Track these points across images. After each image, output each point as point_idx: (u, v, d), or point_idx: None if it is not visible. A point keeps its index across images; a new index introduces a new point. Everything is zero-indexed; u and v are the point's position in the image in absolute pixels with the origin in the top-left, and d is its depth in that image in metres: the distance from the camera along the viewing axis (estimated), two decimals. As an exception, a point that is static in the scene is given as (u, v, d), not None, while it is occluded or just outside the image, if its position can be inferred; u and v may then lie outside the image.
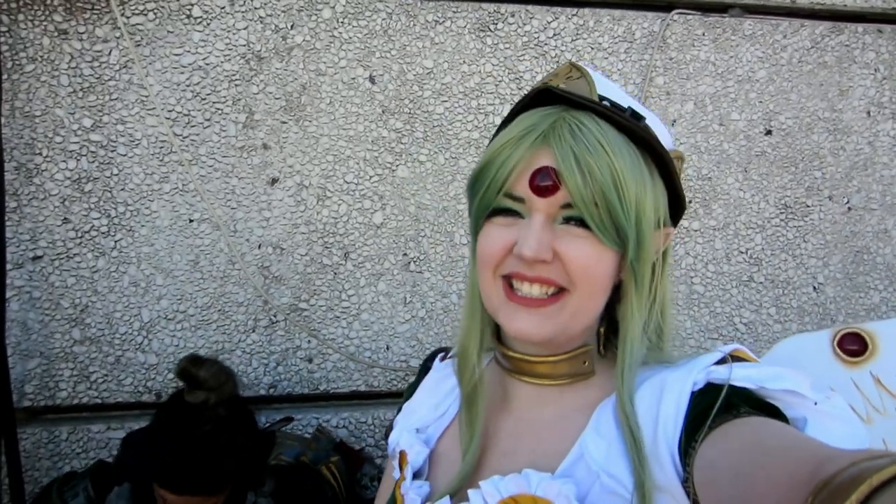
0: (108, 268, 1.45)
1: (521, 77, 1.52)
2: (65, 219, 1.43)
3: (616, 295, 0.63)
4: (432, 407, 0.76)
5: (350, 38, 1.47)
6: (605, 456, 0.57)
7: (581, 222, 0.57)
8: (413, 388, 0.82)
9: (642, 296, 0.60)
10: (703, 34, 1.58)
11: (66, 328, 1.45)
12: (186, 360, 1.17)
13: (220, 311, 1.52)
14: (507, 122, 0.65)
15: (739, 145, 1.64)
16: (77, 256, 1.44)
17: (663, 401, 0.55)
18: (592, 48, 1.56)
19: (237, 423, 1.16)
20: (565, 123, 0.58)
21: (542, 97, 0.62)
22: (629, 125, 0.59)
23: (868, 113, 1.67)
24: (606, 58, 1.57)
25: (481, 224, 0.63)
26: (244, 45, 1.44)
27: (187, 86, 1.43)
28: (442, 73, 1.50)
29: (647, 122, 0.61)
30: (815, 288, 1.72)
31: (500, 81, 1.52)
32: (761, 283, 1.70)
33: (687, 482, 0.51)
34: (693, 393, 0.54)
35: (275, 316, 1.54)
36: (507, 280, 0.61)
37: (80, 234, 1.44)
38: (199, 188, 1.45)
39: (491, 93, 1.52)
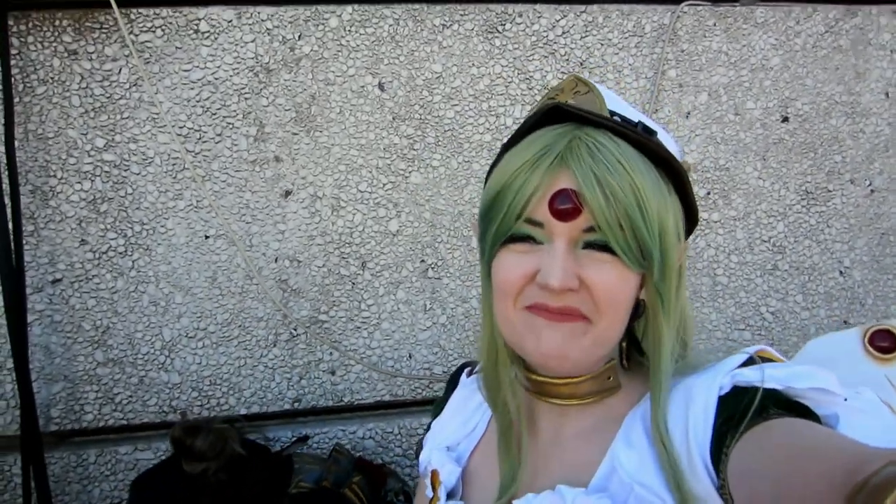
0: (126, 288, 1.45)
1: (532, 77, 1.51)
2: (82, 240, 1.43)
3: (636, 310, 0.61)
4: (461, 424, 0.75)
5: (358, 45, 1.46)
6: (636, 467, 0.56)
7: (604, 247, 0.55)
8: (441, 404, 0.81)
9: (669, 316, 0.59)
10: (715, 24, 1.56)
11: (88, 350, 1.45)
12: (181, 429, 1.13)
13: (240, 326, 1.51)
14: (514, 140, 0.62)
15: (756, 134, 1.61)
16: (96, 278, 1.44)
17: (691, 409, 0.54)
18: (602, 44, 1.54)
19: (242, 474, 1.13)
20: (582, 143, 0.56)
21: (550, 115, 0.60)
22: (643, 141, 0.57)
23: (886, 94, 1.64)
24: (617, 53, 1.55)
25: (496, 251, 0.60)
26: (252, 58, 1.43)
27: (197, 101, 1.43)
28: (451, 77, 1.49)
29: (659, 135, 0.60)
30: (841, 272, 1.69)
31: (510, 83, 1.51)
32: (786, 270, 1.67)
33: (722, 489, 0.50)
34: (720, 398, 0.53)
35: (295, 329, 1.53)
36: (528, 310, 0.58)
37: (97, 256, 1.43)
38: (214, 204, 1.44)
39: (501, 94, 1.50)
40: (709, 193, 1.62)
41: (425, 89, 1.49)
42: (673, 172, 0.59)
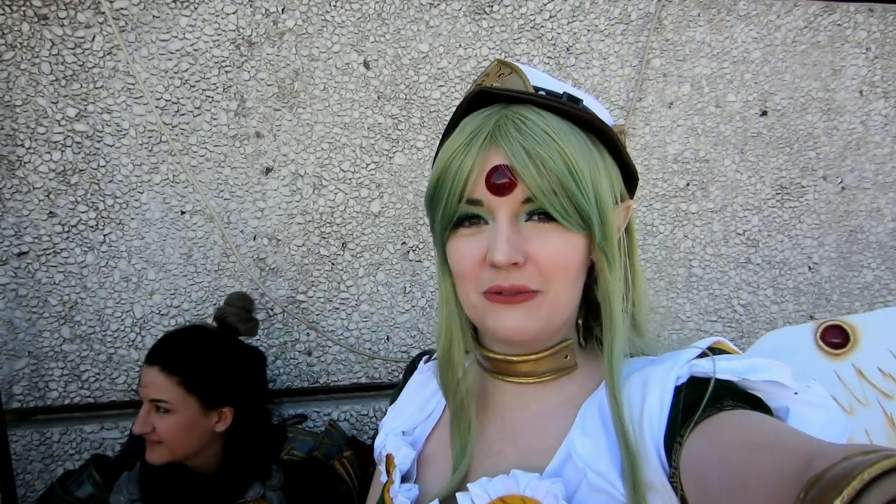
0: (97, 263, 1.40)
1: (518, 60, 1.50)
2: (50, 212, 1.37)
3: (590, 278, 0.63)
4: (417, 409, 0.76)
5: (343, 21, 1.43)
6: (591, 454, 0.57)
7: (545, 215, 0.58)
8: (399, 390, 0.82)
9: (616, 273, 0.61)
10: (699, 15, 1.57)
11: (54, 326, 1.40)
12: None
13: (215, 304, 1.47)
14: (448, 131, 0.64)
15: (736, 127, 1.64)
16: (64, 251, 1.39)
17: (647, 396, 0.55)
18: (589, 30, 1.54)
19: (240, 436, 1.17)
20: (509, 120, 0.58)
21: (478, 100, 0.62)
22: (569, 109, 0.59)
23: (860, 92, 1.67)
24: (603, 40, 1.55)
25: (446, 237, 0.63)
26: (234, 30, 1.39)
27: (175, 73, 1.38)
28: (438, 58, 1.47)
29: (585, 103, 0.61)
30: (810, 268, 1.73)
31: (497, 65, 1.50)
32: (758, 264, 1.70)
33: (674, 478, 0.51)
34: (676, 387, 0.54)
35: (272, 309, 1.50)
36: (486, 297, 0.61)
37: (66, 229, 1.38)
38: (191, 179, 1.40)
39: (488, 76, 1.50)
40: (688, 184, 1.64)
41: (411, 69, 1.47)
42: (603, 137, 0.61)
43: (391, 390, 1.64)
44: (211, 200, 1.43)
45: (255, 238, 1.47)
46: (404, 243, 1.54)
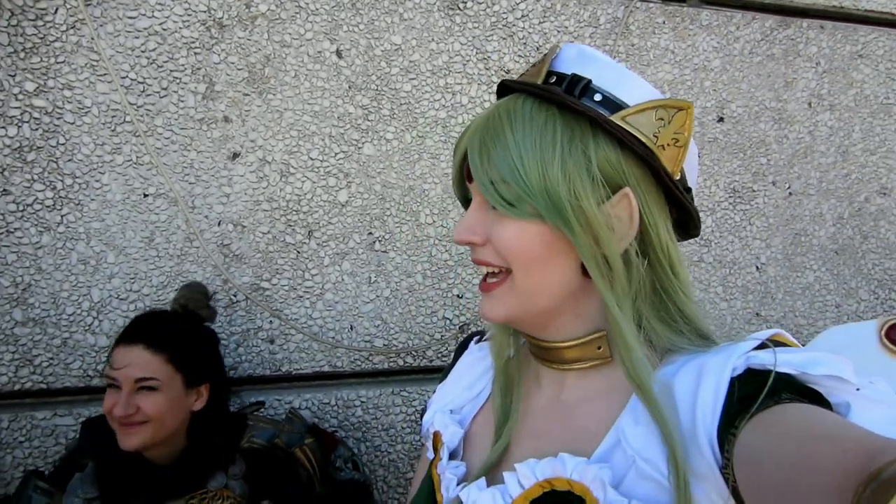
0: (53, 244, 1.37)
1: (489, 57, 1.53)
2: (4, 190, 1.33)
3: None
4: (466, 388, 0.77)
5: (317, 9, 1.43)
6: (642, 443, 0.56)
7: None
8: (448, 370, 0.83)
9: (600, 267, 0.58)
10: (664, 22, 1.64)
11: (6, 308, 1.36)
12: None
13: (176, 290, 1.46)
14: None
15: (694, 131, 1.71)
16: (18, 231, 1.35)
17: (701, 386, 0.54)
18: (559, 31, 1.58)
19: (198, 425, 1.18)
20: (494, 111, 0.61)
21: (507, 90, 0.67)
22: (558, 100, 0.58)
23: (809, 104, 1.78)
24: (572, 41, 1.60)
25: None
26: (204, 12, 1.38)
27: (142, 51, 1.36)
28: (410, 50, 1.49)
29: (599, 82, 0.59)
30: (758, 268, 1.83)
31: (467, 61, 1.53)
32: (710, 263, 1.79)
33: (726, 469, 0.50)
34: (732, 379, 0.53)
35: (235, 296, 1.50)
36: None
37: (21, 208, 1.35)
38: (156, 161, 1.38)
39: (459, 72, 1.52)
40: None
41: (383, 60, 1.48)
42: (597, 124, 0.58)
43: (353, 379, 1.66)
44: (175, 184, 1.41)
45: (219, 224, 1.46)
46: (370, 233, 1.56)
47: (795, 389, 0.52)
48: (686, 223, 0.66)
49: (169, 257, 1.44)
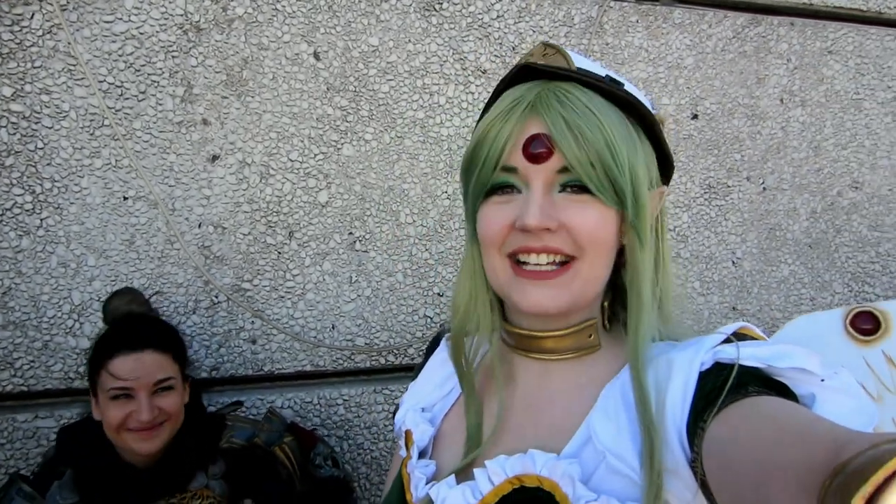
0: (33, 248, 1.38)
1: (466, 58, 1.56)
2: (-17, 196, 1.34)
3: (619, 261, 0.64)
4: (437, 385, 0.77)
5: (294, 11, 1.45)
6: (612, 438, 0.57)
7: (579, 187, 0.59)
8: (420, 367, 0.83)
9: (646, 254, 0.61)
10: (637, 21, 1.67)
11: (-14, 313, 1.37)
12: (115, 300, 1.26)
13: (158, 292, 1.47)
14: (491, 102, 0.66)
15: (669, 129, 1.75)
16: (-2, 236, 1.36)
17: (671, 381, 0.55)
18: (534, 31, 1.61)
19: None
20: (551, 93, 0.59)
21: (522, 75, 0.64)
22: (611, 90, 0.60)
23: (781, 100, 1.82)
24: (548, 41, 1.63)
25: (479, 205, 0.63)
26: (181, 15, 1.39)
27: (119, 55, 1.37)
28: (387, 52, 1.51)
29: (626, 87, 0.63)
30: (734, 262, 1.87)
31: (444, 62, 1.55)
32: (687, 258, 1.83)
33: (694, 462, 0.51)
34: (700, 373, 0.54)
35: (216, 297, 1.51)
36: (514, 257, 0.61)
37: (1, 212, 1.35)
38: (135, 164, 1.40)
39: (436, 73, 1.55)
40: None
41: (361, 62, 1.50)
42: (643, 120, 0.62)
43: (336, 378, 1.68)
44: (155, 187, 1.43)
45: (200, 226, 1.47)
46: (351, 234, 1.57)
47: (762, 382, 0.53)
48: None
49: (150, 260, 1.45)
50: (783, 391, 0.53)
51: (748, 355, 0.53)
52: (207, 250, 1.49)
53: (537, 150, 0.58)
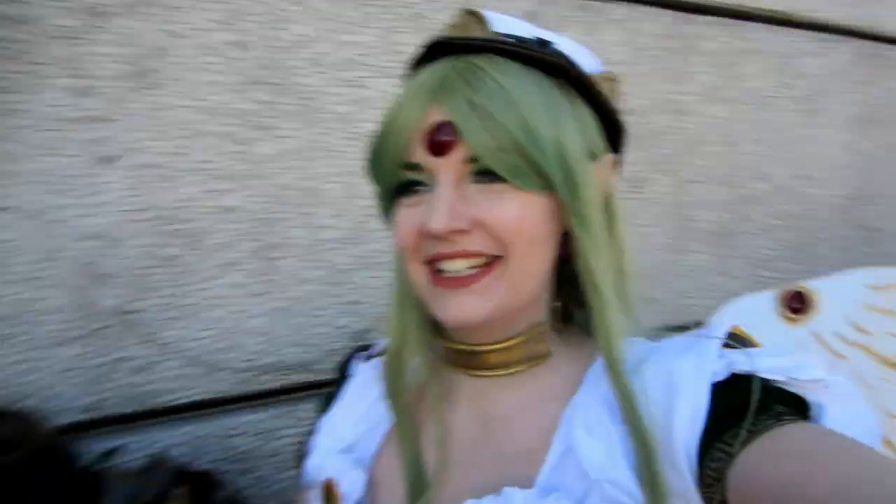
0: None
1: (401, 51, 1.89)
2: None
3: (564, 252, 0.70)
4: (361, 417, 0.81)
5: (214, -6, 1.67)
6: (604, 460, 0.62)
7: (495, 175, 0.65)
8: (330, 398, 0.89)
9: (595, 238, 0.67)
10: (574, 16, 2.13)
11: None
12: None
13: (26, 321, 1.64)
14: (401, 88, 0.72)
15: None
16: None
17: (679, 395, 0.60)
18: (470, 19, 1.99)
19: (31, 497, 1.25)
20: (456, 72, 0.66)
21: (433, 53, 0.71)
22: (531, 54, 0.66)
23: (703, 97, 2.42)
24: (466, 7, 2.02)
25: (392, 209, 0.70)
26: (82, -5, 1.54)
27: (8, 41, 1.50)
28: (315, 42, 1.80)
29: (558, 46, 0.69)
30: (650, 253, 2.48)
31: (378, 53, 1.87)
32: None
33: (709, 487, 0.57)
34: (713, 384, 0.60)
35: (100, 321, 1.72)
36: (432, 265, 0.67)
37: None
38: (11, 169, 1.56)
39: (369, 65, 1.86)
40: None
41: (285, 52, 1.77)
42: (578, 84, 0.69)
43: (237, 404, 1.97)
44: (31, 195, 1.60)
45: (85, 238, 1.67)
46: (261, 240, 1.86)
47: (783, 398, 0.60)
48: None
49: (18, 283, 1.60)
50: (803, 406, 0.61)
51: (767, 367, 0.61)
52: (91, 266, 1.69)
53: (439, 139, 0.64)
